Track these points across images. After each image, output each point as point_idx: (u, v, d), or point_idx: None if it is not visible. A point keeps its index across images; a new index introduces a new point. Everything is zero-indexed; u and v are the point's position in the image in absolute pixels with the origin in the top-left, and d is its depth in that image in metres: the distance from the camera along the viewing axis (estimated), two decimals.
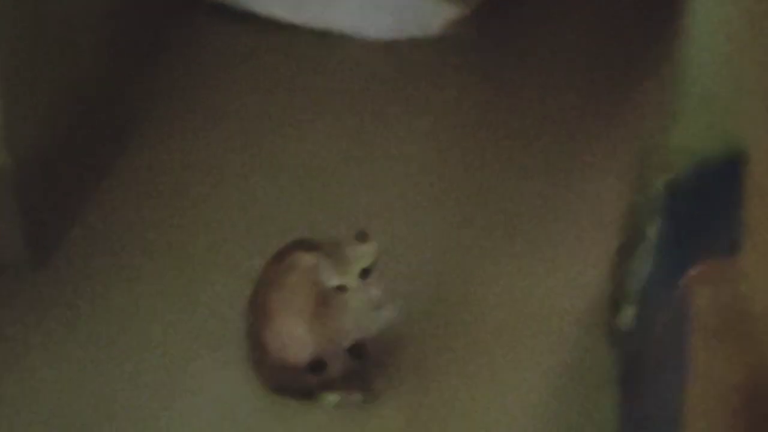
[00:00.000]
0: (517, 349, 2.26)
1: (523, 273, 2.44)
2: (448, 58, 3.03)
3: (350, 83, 2.96)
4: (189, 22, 3.01)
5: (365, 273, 1.94)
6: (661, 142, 2.08)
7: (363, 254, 1.94)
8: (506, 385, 2.18)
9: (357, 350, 2.10)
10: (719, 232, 1.83)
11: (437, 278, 2.41)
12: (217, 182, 2.67)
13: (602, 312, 2.30)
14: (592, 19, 3.14)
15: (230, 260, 2.44)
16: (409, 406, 2.13)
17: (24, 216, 2.30)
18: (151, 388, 2.15)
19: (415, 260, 2.43)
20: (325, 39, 3.03)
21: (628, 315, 2.17)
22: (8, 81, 2.15)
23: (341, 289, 1.94)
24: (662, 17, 2.29)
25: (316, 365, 2.07)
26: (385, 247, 2.00)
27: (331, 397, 2.10)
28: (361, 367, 2.11)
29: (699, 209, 1.96)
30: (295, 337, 2.05)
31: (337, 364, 2.07)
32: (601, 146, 2.81)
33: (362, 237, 1.96)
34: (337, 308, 1.99)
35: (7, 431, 2.07)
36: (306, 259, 1.98)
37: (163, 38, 2.93)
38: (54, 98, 2.38)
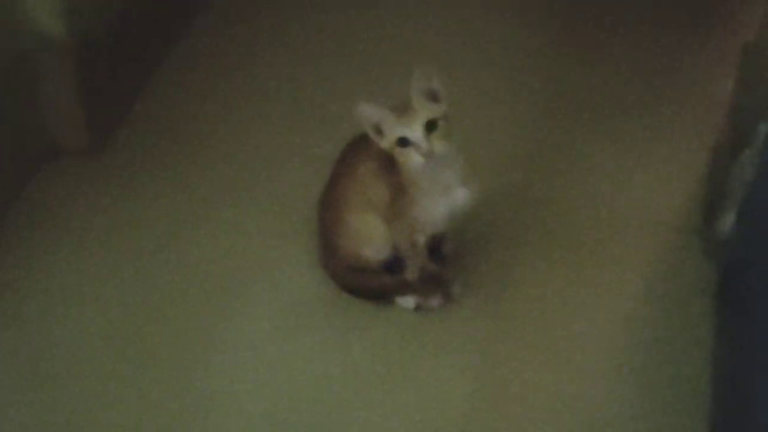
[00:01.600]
0: (605, 254, 2.12)
1: (612, 170, 2.30)
2: None
3: None
4: None
5: (431, 126, 1.77)
6: None
7: (429, 107, 1.78)
8: (593, 293, 2.05)
9: (436, 250, 1.98)
10: None
11: (519, 173, 2.28)
12: (276, 68, 2.57)
13: (698, 216, 2.16)
14: None
15: (299, 147, 2.33)
16: (489, 313, 2.01)
17: (85, 99, 2.21)
18: (214, 282, 2.05)
19: (496, 151, 2.30)
20: None
21: (727, 222, 2.02)
22: None
23: (405, 143, 1.77)
24: None
25: (393, 265, 1.96)
26: (466, 135, 1.85)
27: (408, 301, 1.98)
28: (439, 270, 1.99)
29: None
30: (370, 234, 1.93)
31: (414, 264, 1.95)
32: (700, 39, 2.64)
33: (432, 94, 1.79)
34: (408, 193, 1.85)
35: (66, 314, 1.99)
36: (375, 147, 1.82)
37: None
38: None
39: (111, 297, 2.02)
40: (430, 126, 1.76)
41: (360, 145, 1.89)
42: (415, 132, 1.76)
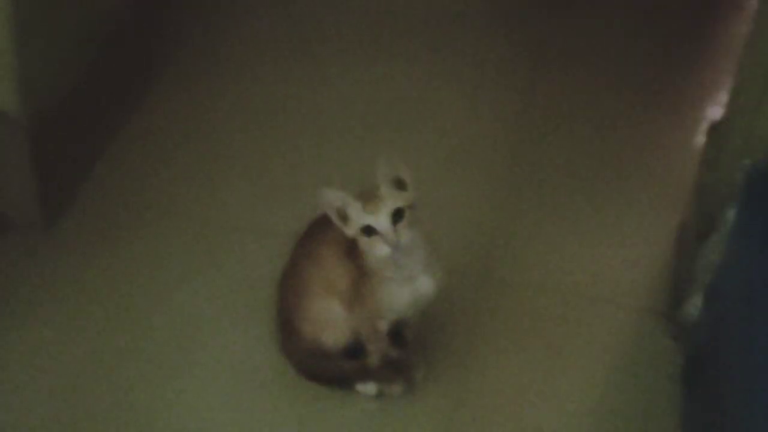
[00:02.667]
0: (569, 336, 2.08)
1: (577, 251, 2.27)
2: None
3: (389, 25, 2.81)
4: None
5: (398, 215, 1.71)
6: (744, 125, 1.89)
7: (396, 195, 1.73)
8: (558, 378, 2.01)
9: (398, 335, 1.93)
10: None
11: (483, 254, 2.23)
12: (238, 138, 2.52)
13: (665, 298, 2.13)
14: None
15: (255, 221, 2.29)
16: (452, 397, 1.96)
17: (37, 171, 2.15)
18: (165, 363, 1.99)
19: (457, 232, 2.26)
20: None
21: (695, 305, 1.99)
22: (23, 28, 1.98)
23: (370, 231, 1.72)
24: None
25: (354, 351, 1.91)
26: (426, 216, 1.79)
27: (369, 387, 1.93)
28: (401, 355, 1.93)
29: None
30: (331, 319, 1.88)
31: (376, 350, 1.90)
32: (666, 115, 2.62)
33: (398, 181, 1.75)
34: (370, 280, 1.80)
35: (14, 389, 1.92)
36: (338, 231, 1.77)
37: None
38: (68, 47, 2.22)
39: (58, 373, 1.95)
40: (397, 215, 1.71)
41: (321, 226, 1.84)
42: (381, 221, 1.71)
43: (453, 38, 2.83)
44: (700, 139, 2.21)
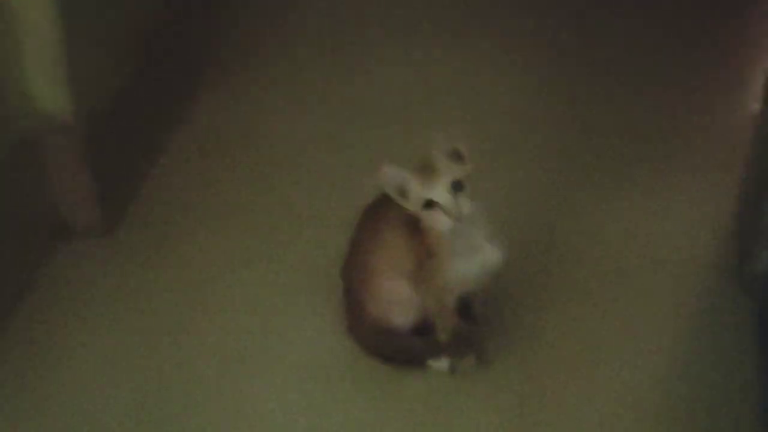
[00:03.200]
0: (638, 300, 2.06)
1: (640, 212, 2.25)
2: None
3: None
4: None
5: (457, 186, 1.71)
6: None
7: (454, 168, 1.72)
8: (629, 344, 1.98)
9: (466, 309, 1.92)
10: None
11: (544, 223, 2.22)
12: (288, 130, 2.52)
13: (732, 253, 2.10)
14: None
15: (312, 210, 2.29)
16: (525, 369, 1.94)
17: (95, 177, 2.17)
18: (231, 357, 1.99)
19: (518, 203, 2.24)
20: None
21: (762, 259, 1.97)
22: (72, 33, 1.99)
23: (431, 205, 1.71)
24: None
25: (424, 328, 1.90)
26: (488, 190, 1.79)
27: (441, 363, 1.92)
28: (471, 329, 1.93)
29: None
30: (399, 298, 1.87)
31: (445, 326, 1.89)
32: (718, 68, 2.59)
33: (456, 155, 1.75)
34: (436, 256, 1.79)
35: (85, 394, 1.93)
36: (399, 210, 1.76)
37: None
38: (116, 49, 2.23)
39: (128, 378, 1.96)
40: (456, 186, 1.71)
41: (381, 208, 1.84)
42: (441, 194, 1.70)
43: (496, 18, 2.82)
44: (757, 92, 2.17)
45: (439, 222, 1.72)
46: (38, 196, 2.14)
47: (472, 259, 1.79)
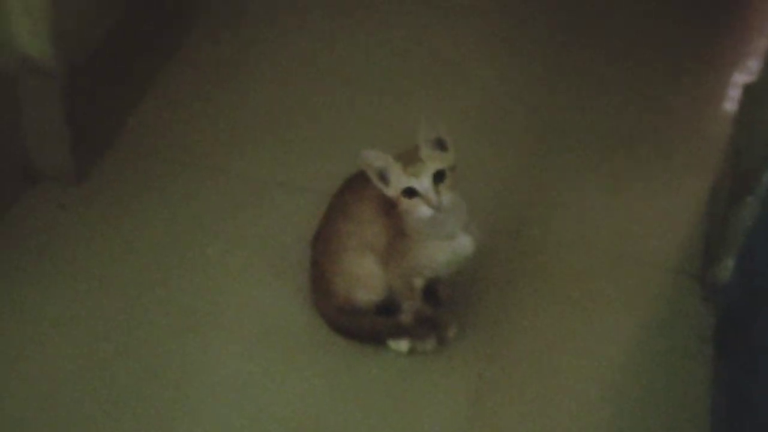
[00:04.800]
0: (600, 295, 2.08)
1: (607, 211, 2.26)
2: None
3: None
4: None
5: (439, 176, 1.71)
6: None
7: (437, 157, 1.72)
8: (588, 338, 2.01)
9: (431, 293, 1.93)
10: None
11: (513, 213, 2.23)
12: (270, 92, 2.50)
13: (696, 259, 2.13)
14: None
15: (288, 176, 2.28)
16: (483, 354, 1.96)
17: (70, 123, 2.13)
18: (196, 317, 1.99)
19: (489, 191, 2.25)
20: None
21: (727, 267, 1.99)
22: None
23: (411, 193, 1.72)
24: None
25: (388, 307, 1.90)
26: (462, 173, 1.78)
27: (402, 344, 1.93)
28: (434, 312, 1.94)
29: None
30: (366, 275, 1.87)
31: (410, 307, 1.90)
32: (696, 76, 2.61)
33: (439, 142, 1.74)
34: (408, 238, 1.80)
35: (46, 339, 1.92)
36: (376, 189, 1.76)
37: None
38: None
39: (92, 326, 1.95)
40: (438, 176, 1.71)
41: (358, 183, 1.84)
42: (423, 183, 1.71)
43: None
44: (733, 101, 2.19)
45: (417, 210, 1.73)
46: (10, 138, 2.10)
47: (445, 245, 1.79)
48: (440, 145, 1.74)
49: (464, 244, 1.80)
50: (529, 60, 2.62)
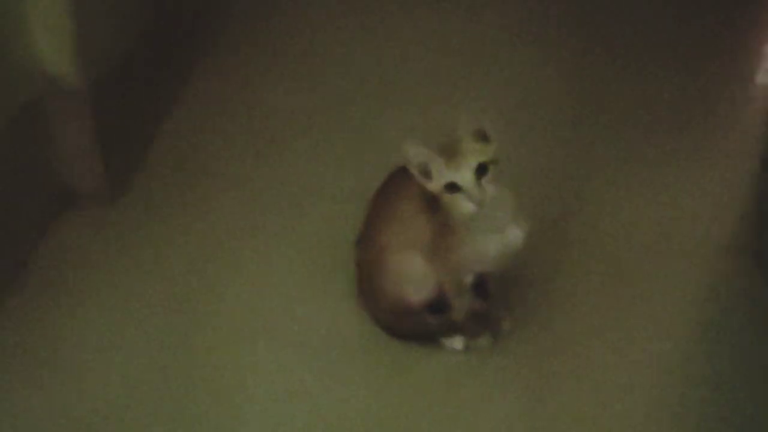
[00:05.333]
0: (653, 282, 2.02)
1: (653, 193, 2.21)
2: None
3: None
4: None
5: (481, 170, 1.66)
6: None
7: (479, 150, 1.67)
8: (644, 323, 1.95)
9: (481, 287, 1.87)
10: None
11: (559, 202, 2.18)
12: (300, 100, 2.47)
13: (749, 236, 2.07)
14: None
15: (324, 184, 2.24)
16: (540, 348, 1.91)
17: (100, 142, 2.12)
18: (243, 326, 1.95)
19: (531, 185, 2.18)
20: None
21: None
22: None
23: (454, 188, 1.67)
24: None
25: (438, 305, 1.85)
26: (506, 166, 1.72)
27: (456, 341, 1.89)
28: (486, 307, 1.89)
29: None
30: (413, 274, 1.82)
31: (461, 304, 1.85)
32: (733, 57, 2.55)
33: (481, 134, 1.69)
34: (455, 233, 1.74)
35: (87, 364, 1.89)
36: (417, 184, 1.71)
37: None
38: (123, 13, 2.18)
39: (136, 345, 1.92)
40: (481, 170, 1.66)
41: (398, 180, 1.79)
42: (465, 178, 1.66)
43: None
44: None
45: (460, 206, 1.68)
46: (43, 161, 2.09)
47: (493, 239, 1.74)
48: (482, 136, 1.68)
49: (514, 236, 1.75)
50: (557, 46, 2.57)
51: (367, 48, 2.58)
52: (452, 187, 1.67)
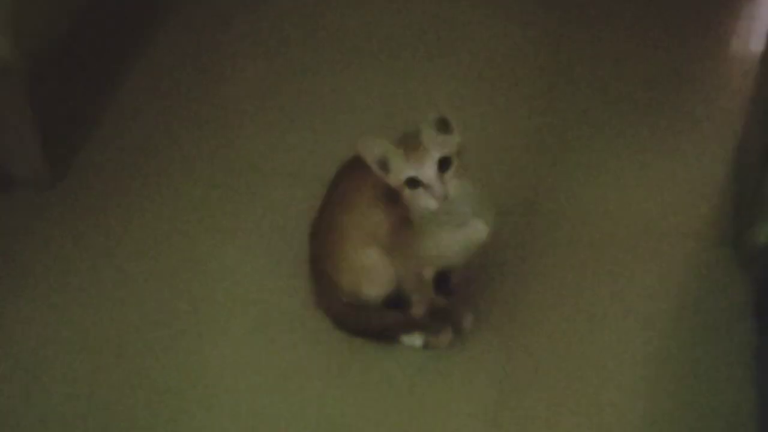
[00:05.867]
0: (626, 274, 1.93)
1: (629, 181, 2.11)
2: None
3: None
4: None
5: (444, 164, 1.56)
6: None
7: (441, 142, 1.57)
8: (616, 318, 1.86)
9: (441, 282, 1.78)
10: None
11: (528, 190, 2.08)
12: (254, 76, 2.35)
13: (728, 226, 1.97)
14: None
15: (279, 164, 2.14)
16: (504, 346, 1.81)
17: (40, 124, 2.02)
18: (187, 320, 1.86)
19: (499, 168, 2.10)
20: None
21: (763, 231, 1.84)
22: None
23: (415, 183, 1.57)
24: None
25: (397, 301, 1.76)
26: (472, 152, 1.62)
27: (415, 338, 1.79)
28: (447, 303, 1.80)
29: None
30: (371, 268, 1.73)
31: (421, 300, 1.76)
32: (725, 24, 2.44)
33: (443, 124, 1.59)
34: (415, 227, 1.65)
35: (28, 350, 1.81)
36: (375, 175, 1.60)
37: None
38: None
39: (76, 337, 1.83)
40: (444, 164, 1.55)
41: (355, 169, 1.68)
42: (426, 172, 1.55)
43: None
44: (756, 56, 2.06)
45: (422, 201, 1.58)
46: None
47: (456, 233, 1.65)
48: (444, 126, 1.57)
49: (477, 230, 1.65)
50: (536, 23, 2.46)
51: (334, 16, 2.47)
52: (413, 183, 1.57)
